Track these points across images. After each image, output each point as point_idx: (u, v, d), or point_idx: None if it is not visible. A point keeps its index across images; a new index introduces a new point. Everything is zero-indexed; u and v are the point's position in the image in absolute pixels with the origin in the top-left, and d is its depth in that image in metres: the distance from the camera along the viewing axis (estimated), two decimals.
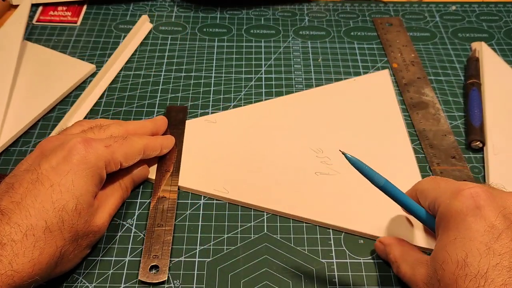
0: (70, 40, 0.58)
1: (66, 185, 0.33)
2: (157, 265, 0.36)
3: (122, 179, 0.40)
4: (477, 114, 0.48)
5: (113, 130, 0.40)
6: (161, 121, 0.45)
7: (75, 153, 0.35)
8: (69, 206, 0.33)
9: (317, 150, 0.46)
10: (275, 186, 0.43)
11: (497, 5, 0.67)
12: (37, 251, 0.31)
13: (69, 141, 0.35)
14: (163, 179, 0.42)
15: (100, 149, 0.36)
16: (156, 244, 0.38)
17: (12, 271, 0.30)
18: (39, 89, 0.50)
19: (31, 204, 0.32)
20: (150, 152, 0.41)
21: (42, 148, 0.36)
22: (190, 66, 0.55)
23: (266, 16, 0.63)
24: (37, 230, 0.31)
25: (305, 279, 0.37)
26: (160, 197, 0.41)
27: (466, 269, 0.28)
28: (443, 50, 0.59)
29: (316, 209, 0.41)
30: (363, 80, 0.54)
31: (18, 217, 0.31)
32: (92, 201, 0.35)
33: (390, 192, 0.34)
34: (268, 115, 0.49)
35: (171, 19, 0.62)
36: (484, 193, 0.31)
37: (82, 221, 0.34)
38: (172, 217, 0.40)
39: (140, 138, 0.40)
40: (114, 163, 0.37)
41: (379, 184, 0.34)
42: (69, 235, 0.33)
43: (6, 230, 0.31)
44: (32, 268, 0.31)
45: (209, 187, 0.42)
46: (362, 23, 0.63)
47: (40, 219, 0.32)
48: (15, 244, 0.30)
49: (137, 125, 0.42)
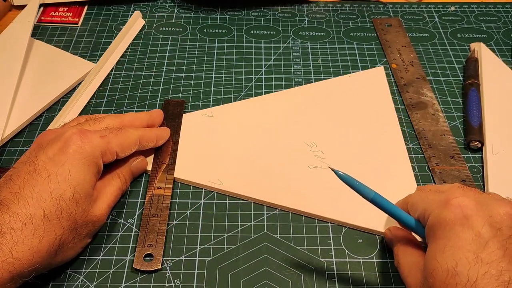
0: (71, 40, 0.58)
1: (63, 175, 0.34)
2: (151, 254, 0.37)
3: (121, 171, 0.41)
4: (475, 114, 0.49)
5: (108, 122, 0.41)
6: (156, 113, 0.46)
7: (71, 144, 0.36)
8: (66, 195, 0.34)
9: (311, 144, 0.46)
10: (268, 179, 0.43)
11: (496, 6, 0.67)
12: (36, 239, 0.32)
13: (65, 133, 0.36)
14: (159, 171, 0.43)
15: (96, 139, 0.37)
16: (151, 233, 0.39)
17: (12, 258, 0.30)
18: (44, 84, 0.52)
19: (29, 194, 0.33)
20: (145, 143, 0.42)
21: (39, 141, 0.37)
22: (190, 67, 0.56)
23: (266, 16, 0.64)
24: (35, 219, 0.32)
25: (305, 278, 0.37)
26: (155, 188, 0.42)
27: (456, 278, 0.28)
28: (442, 50, 0.59)
29: (308, 201, 0.42)
30: (358, 76, 0.55)
31: (17, 207, 0.32)
32: (91, 191, 0.36)
33: (380, 204, 0.35)
34: (263, 110, 0.50)
35: (171, 19, 0.63)
36: (471, 202, 0.31)
37: (80, 210, 0.35)
38: (167, 208, 0.40)
39: (135, 130, 0.41)
40: (110, 153, 0.38)
41: (368, 197, 0.35)
42: (67, 224, 0.34)
43: (5, 219, 0.31)
44: (32, 255, 0.31)
45: (204, 179, 0.43)
46: (362, 23, 0.63)
47: (38, 208, 0.32)
48: (14, 232, 0.31)
49: (132, 117, 0.43)
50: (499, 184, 0.43)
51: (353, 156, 0.46)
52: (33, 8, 0.59)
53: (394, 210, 0.36)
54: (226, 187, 0.43)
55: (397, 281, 0.37)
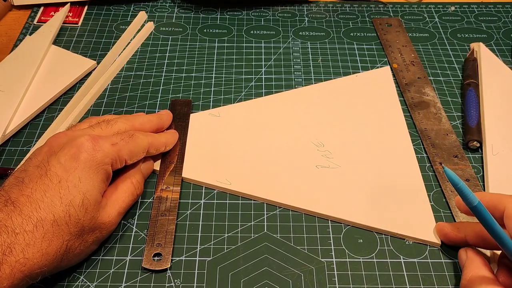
0: (71, 40, 0.58)
1: (73, 182, 0.35)
2: (160, 253, 0.38)
3: (134, 176, 0.41)
4: (473, 114, 0.49)
5: (120, 126, 0.41)
6: (166, 115, 0.46)
7: (82, 151, 0.36)
8: (76, 202, 0.34)
9: (318, 144, 0.46)
10: (276, 178, 0.43)
11: (496, 6, 0.67)
12: (45, 242, 0.32)
13: (77, 139, 0.37)
14: (167, 171, 0.43)
15: (107, 147, 0.37)
16: (159, 233, 0.39)
17: (24, 259, 0.31)
18: (44, 82, 0.52)
19: (40, 198, 0.33)
20: (153, 150, 0.42)
21: (50, 144, 0.37)
22: (190, 67, 0.56)
23: (266, 17, 0.64)
24: (46, 223, 0.33)
25: (305, 278, 0.37)
26: (164, 188, 0.42)
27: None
28: (442, 50, 0.59)
29: (317, 201, 0.42)
30: (364, 76, 0.55)
31: (29, 210, 0.33)
32: (99, 198, 0.36)
33: (481, 215, 0.32)
34: (270, 109, 0.50)
35: (171, 19, 0.63)
36: None
37: (88, 216, 0.35)
38: (175, 207, 0.41)
39: (145, 137, 0.41)
40: (120, 160, 0.38)
41: (471, 204, 0.32)
42: (75, 230, 0.34)
43: (19, 221, 0.32)
44: (41, 258, 0.32)
45: (212, 179, 0.43)
46: (362, 23, 0.63)
47: (48, 213, 0.33)
48: (26, 234, 0.32)
49: (143, 120, 0.44)
50: (499, 184, 0.43)
51: (360, 156, 0.46)
52: (62, 13, 0.60)
53: (495, 227, 0.32)
54: (235, 187, 0.43)
55: (397, 281, 0.37)
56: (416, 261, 0.39)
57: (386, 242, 0.40)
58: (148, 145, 0.41)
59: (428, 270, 0.38)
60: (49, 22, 0.59)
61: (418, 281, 0.37)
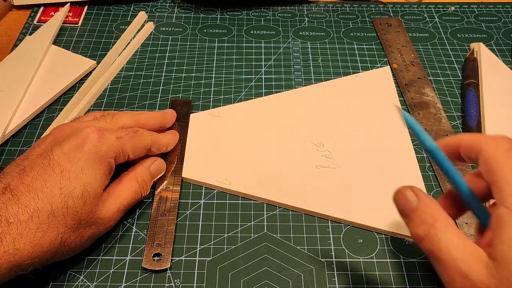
0: (71, 40, 0.58)
1: (75, 172, 0.34)
2: (160, 253, 0.38)
3: (140, 174, 0.40)
4: (473, 114, 0.49)
5: (125, 121, 0.41)
6: (170, 114, 0.47)
7: (87, 142, 0.36)
8: (75, 193, 0.34)
9: (318, 144, 0.46)
10: (276, 178, 0.43)
11: (496, 6, 0.67)
12: (39, 233, 0.32)
13: (83, 130, 0.36)
14: (167, 171, 0.43)
15: (112, 140, 0.37)
16: (159, 233, 0.39)
17: (14, 249, 0.31)
18: (44, 81, 0.52)
19: (40, 188, 0.33)
20: (155, 149, 0.42)
21: (55, 135, 0.37)
22: (190, 67, 0.56)
23: (266, 17, 0.64)
24: (42, 213, 0.32)
25: (305, 278, 0.37)
26: (164, 188, 0.42)
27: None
28: (442, 50, 0.59)
29: (316, 201, 0.42)
30: (364, 76, 0.55)
31: (27, 199, 0.32)
32: (100, 191, 0.36)
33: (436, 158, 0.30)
34: (270, 109, 0.50)
35: (171, 19, 0.63)
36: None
37: (86, 209, 0.34)
38: (175, 207, 0.41)
39: (149, 134, 0.41)
40: (123, 155, 0.38)
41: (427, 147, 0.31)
42: (71, 222, 0.34)
43: (14, 210, 0.32)
44: (32, 249, 0.32)
45: (212, 179, 0.43)
46: (362, 23, 0.63)
47: (46, 203, 0.33)
48: (20, 224, 0.31)
49: (147, 116, 0.43)
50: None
51: (361, 156, 0.46)
52: (61, 14, 0.60)
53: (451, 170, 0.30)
54: (234, 187, 0.43)
55: (397, 281, 0.37)
56: (416, 261, 0.39)
57: (386, 242, 0.40)
58: (151, 143, 0.41)
59: (428, 270, 0.38)
60: (49, 22, 0.59)
61: (418, 281, 0.37)
